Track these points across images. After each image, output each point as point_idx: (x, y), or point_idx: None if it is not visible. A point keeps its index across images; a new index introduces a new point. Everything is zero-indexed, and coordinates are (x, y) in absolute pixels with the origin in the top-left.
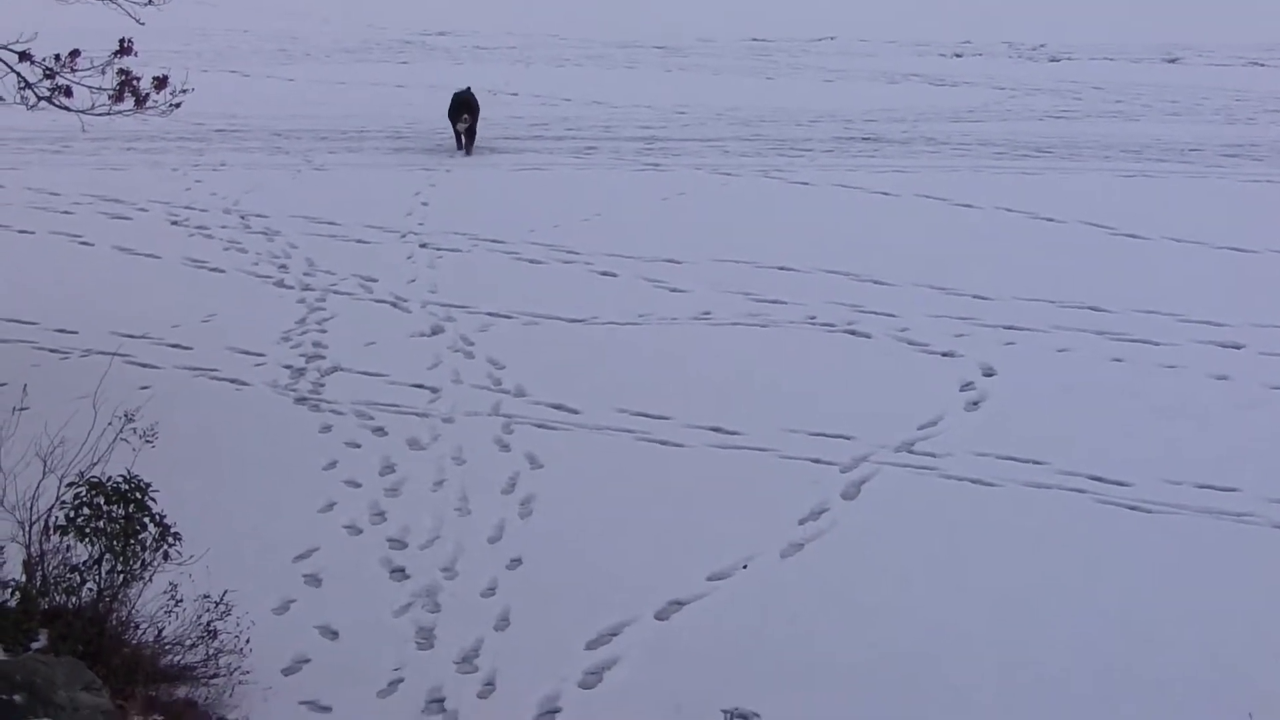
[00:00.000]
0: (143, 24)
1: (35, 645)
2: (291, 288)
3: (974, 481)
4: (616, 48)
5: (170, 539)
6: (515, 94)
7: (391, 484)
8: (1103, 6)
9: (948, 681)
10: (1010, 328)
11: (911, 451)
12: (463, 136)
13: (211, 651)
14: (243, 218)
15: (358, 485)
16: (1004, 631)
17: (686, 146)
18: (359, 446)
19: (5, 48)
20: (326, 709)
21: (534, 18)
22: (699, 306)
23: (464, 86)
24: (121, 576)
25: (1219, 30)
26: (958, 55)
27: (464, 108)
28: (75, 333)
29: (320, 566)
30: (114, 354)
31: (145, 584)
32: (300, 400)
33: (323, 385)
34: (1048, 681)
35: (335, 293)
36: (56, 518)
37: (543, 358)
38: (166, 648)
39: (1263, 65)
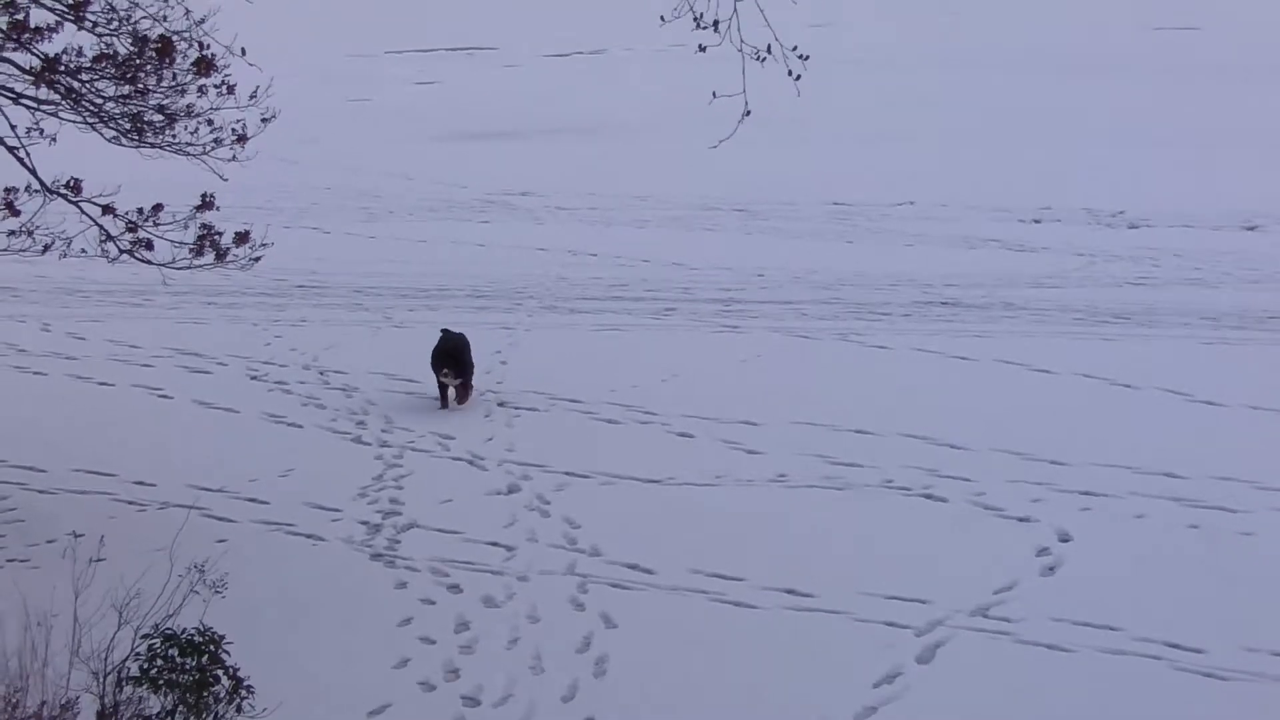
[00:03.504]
0: (226, 179)
1: None
2: (369, 444)
3: (1049, 647)
4: (697, 210)
5: (243, 692)
6: (595, 255)
7: (466, 641)
8: (1181, 173)
9: None
10: (1087, 493)
11: (987, 616)
12: (447, 392)
13: None
14: (321, 374)
15: (432, 642)
16: None
17: (765, 309)
18: (434, 603)
19: (89, 200)
20: None
21: (616, 179)
22: (775, 469)
23: (456, 332)
24: None
25: None
26: (1037, 221)
27: (446, 359)
28: (153, 485)
29: None
30: (191, 507)
31: None
32: (376, 556)
33: (398, 542)
34: None
35: (412, 450)
36: (130, 669)
37: (619, 518)
38: None
39: None
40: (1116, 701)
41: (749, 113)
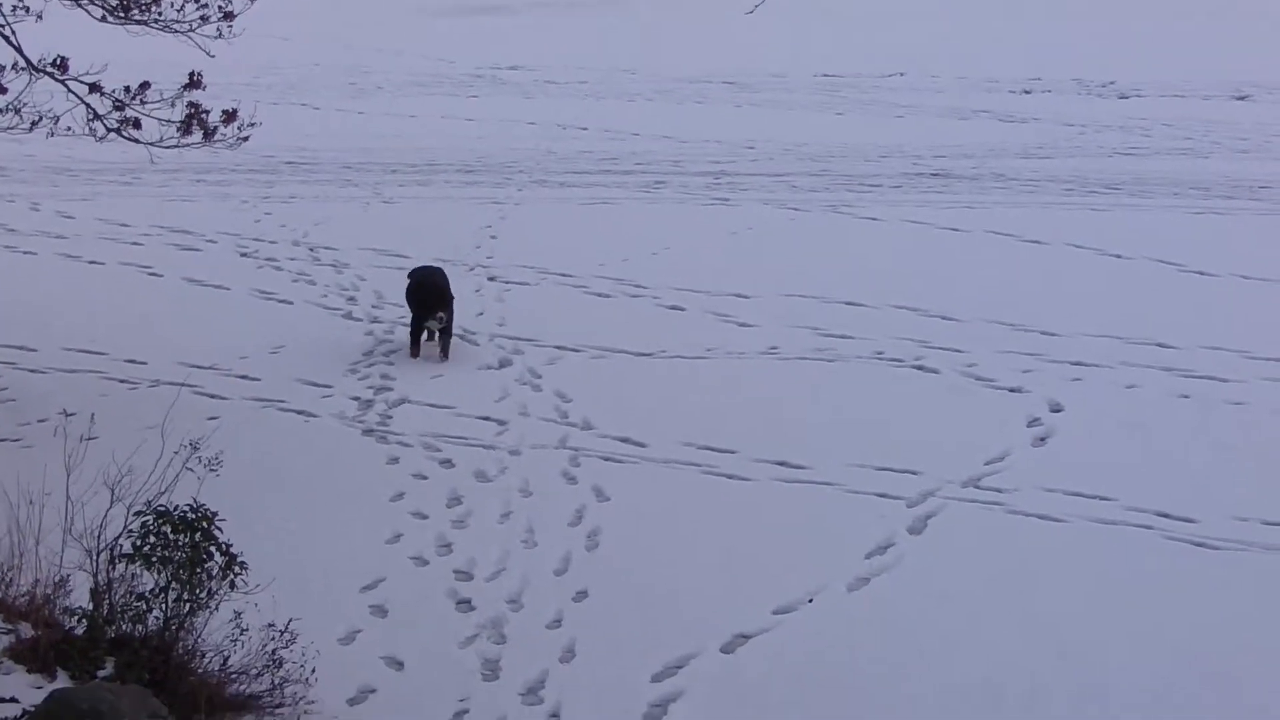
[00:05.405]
0: (213, 56)
1: (102, 673)
2: (360, 320)
3: (1040, 517)
4: (686, 83)
5: (236, 568)
6: (585, 129)
7: (458, 516)
8: (1172, 44)
9: (1013, 718)
10: (1078, 364)
11: (978, 487)
12: (432, 335)
13: (277, 681)
14: (311, 250)
15: (425, 517)
16: (1070, 668)
17: (755, 182)
18: (426, 478)
19: (76, 79)
20: None
21: (605, 53)
22: (766, 341)
23: (432, 265)
24: (188, 605)
25: None
26: (1027, 92)
27: (439, 301)
28: (144, 363)
29: (387, 597)
30: (182, 384)
31: (211, 612)
32: (368, 432)
33: (390, 417)
34: (1115, 718)
35: (403, 325)
36: (123, 546)
37: (610, 391)
38: (232, 676)
39: None
40: (1108, 571)
41: None
